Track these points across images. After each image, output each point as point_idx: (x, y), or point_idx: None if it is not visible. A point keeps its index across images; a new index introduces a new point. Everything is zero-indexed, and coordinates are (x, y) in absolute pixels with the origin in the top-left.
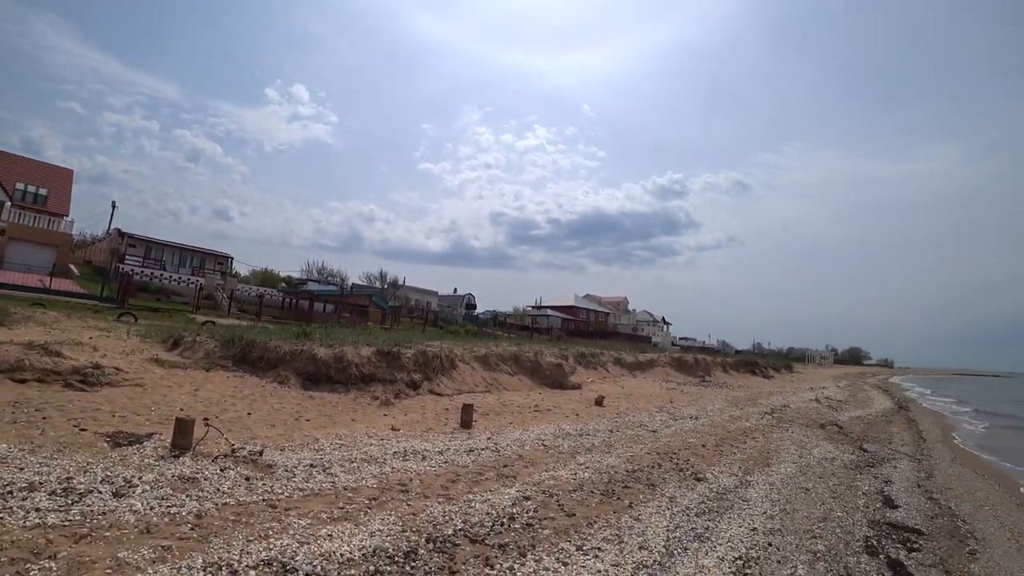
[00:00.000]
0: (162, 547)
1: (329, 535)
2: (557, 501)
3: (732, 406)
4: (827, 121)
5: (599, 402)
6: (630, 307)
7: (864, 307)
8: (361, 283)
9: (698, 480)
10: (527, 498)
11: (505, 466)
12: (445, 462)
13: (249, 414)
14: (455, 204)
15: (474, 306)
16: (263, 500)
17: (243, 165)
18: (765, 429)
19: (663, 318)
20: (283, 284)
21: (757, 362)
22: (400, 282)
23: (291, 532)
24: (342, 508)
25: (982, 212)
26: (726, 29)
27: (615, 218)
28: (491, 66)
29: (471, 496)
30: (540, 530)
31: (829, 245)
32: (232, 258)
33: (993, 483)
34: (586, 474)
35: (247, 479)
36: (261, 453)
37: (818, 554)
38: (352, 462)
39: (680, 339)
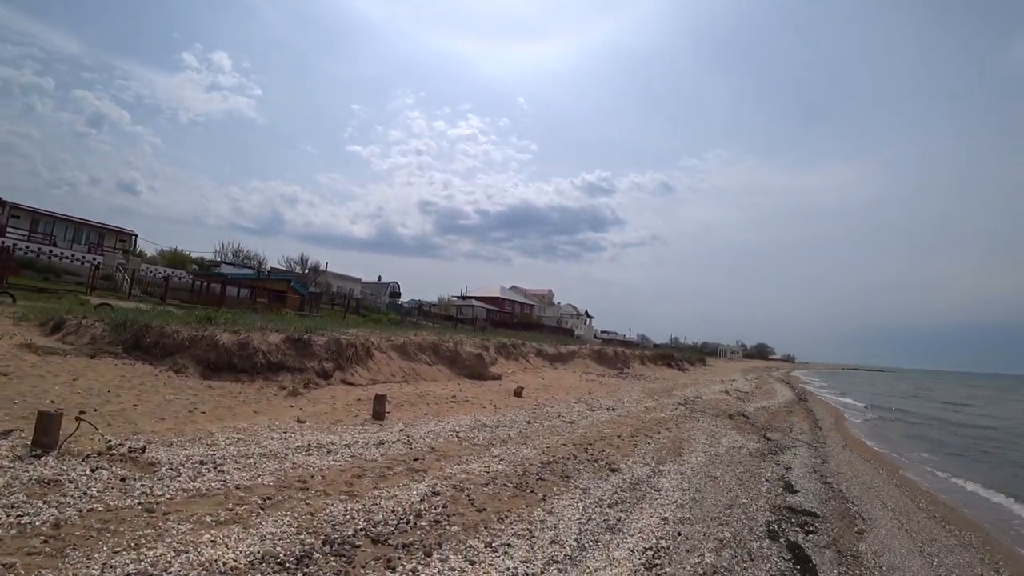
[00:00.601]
0: (2, 566)
1: (212, 541)
2: (468, 496)
3: (648, 397)
4: (745, 132)
5: (518, 393)
6: (555, 300)
7: (771, 306)
8: (280, 267)
9: (612, 471)
10: (436, 493)
11: (416, 459)
12: (352, 456)
13: (136, 406)
14: (383, 189)
15: (399, 295)
16: (139, 504)
17: (154, 135)
18: (678, 420)
19: (586, 311)
20: (194, 266)
21: (673, 355)
22: (322, 268)
23: (168, 540)
24: (231, 510)
25: (875, 223)
26: (660, 37)
27: (543, 212)
28: (428, 51)
29: (377, 492)
30: (448, 527)
31: (743, 248)
32: (136, 236)
33: (877, 467)
34: (500, 467)
35: (123, 480)
36: (143, 450)
37: (724, 541)
38: (249, 458)
39: (602, 332)
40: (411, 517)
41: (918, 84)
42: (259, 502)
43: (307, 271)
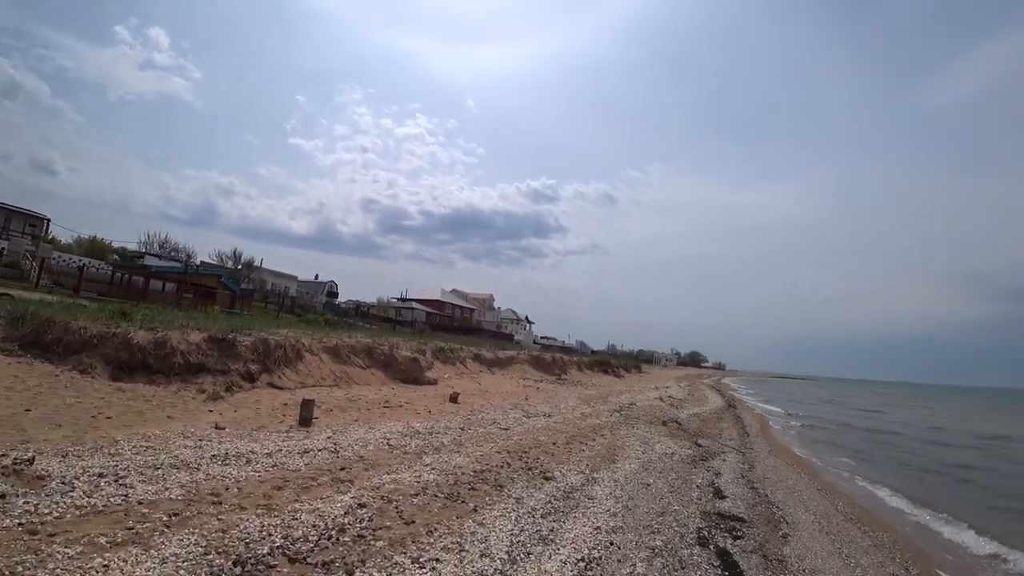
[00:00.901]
0: None
1: (105, 566)
2: (396, 507)
3: (584, 404)
4: (687, 148)
5: (454, 399)
6: (496, 304)
7: (704, 316)
8: (211, 262)
9: (546, 479)
10: (362, 505)
11: (343, 469)
12: (273, 465)
13: (28, 411)
14: (325, 185)
15: (336, 294)
16: (19, 525)
17: (77, 112)
18: (613, 426)
19: (527, 317)
20: (115, 257)
21: (610, 362)
22: (256, 264)
23: (51, 566)
24: (131, 529)
25: (801, 240)
26: (608, 50)
27: (487, 216)
28: (380, 46)
29: (298, 505)
30: (373, 542)
31: (680, 260)
32: (49, 220)
33: (799, 472)
34: (431, 476)
35: (1, 497)
36: (31, 461)
37: (656, 549)
38: (156, 469)
39: (542, 338)
40: (334, 532)
41: (841, 114)
42: (164, 519)
43: (240, 267)
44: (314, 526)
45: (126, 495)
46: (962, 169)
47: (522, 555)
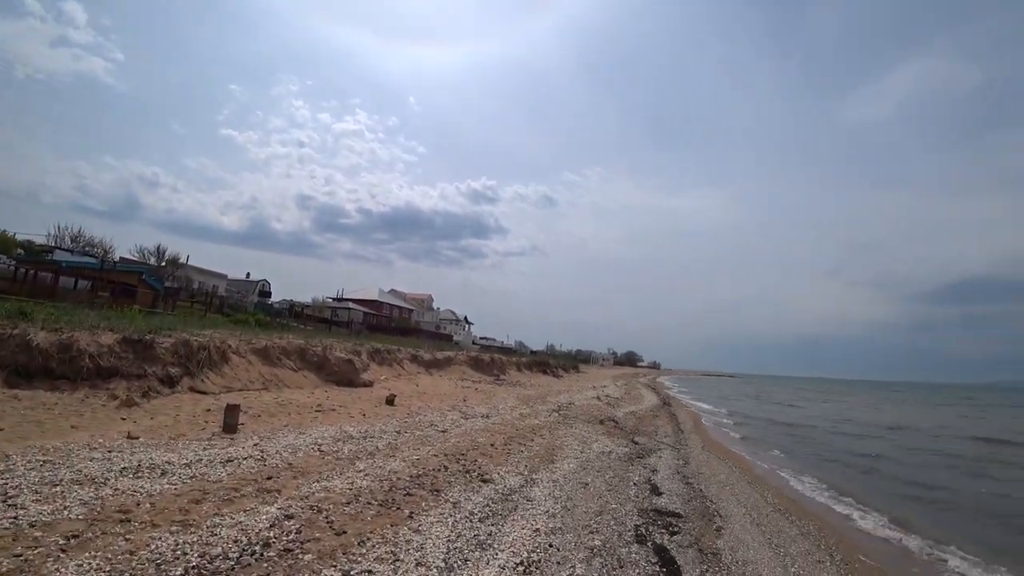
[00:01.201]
0: None
1: None
2: (327, 517)
3: (523, 404)
4: (624, 153)
5: (390, 401)
6: (434, 305)
7: (640, 316)
8: (132, 258)
9: (484, 482)
10: (290, 516)
11: (269, 478)
12: (192, 477)
13: None
14: (258, 180)
15: (269, 294)
16: None
17: None
18: (552, 426)
19: (466, 317)
20: (19, 251)
21: (548, 362)
22: (182, 261)
23: None
24: (19, 556)
25: (731, 245)
26: (551, 55)
27: (427, 216)
28: (320, 39)
29: (218, 519)
30: (301, 555)
31: (616, 262)
32: None
33: (731, 466)
34: (365, 482)
35: None
36: None
37: (595, 549)
38: (55, 486)
39: (481, 339)
40: (258, 547)
41: (769, 127)
42: (61, 542)
43: (164, 263)
44: (236, 541)
45: (15, 517)
46: (875, 181)
47: (459, 562)
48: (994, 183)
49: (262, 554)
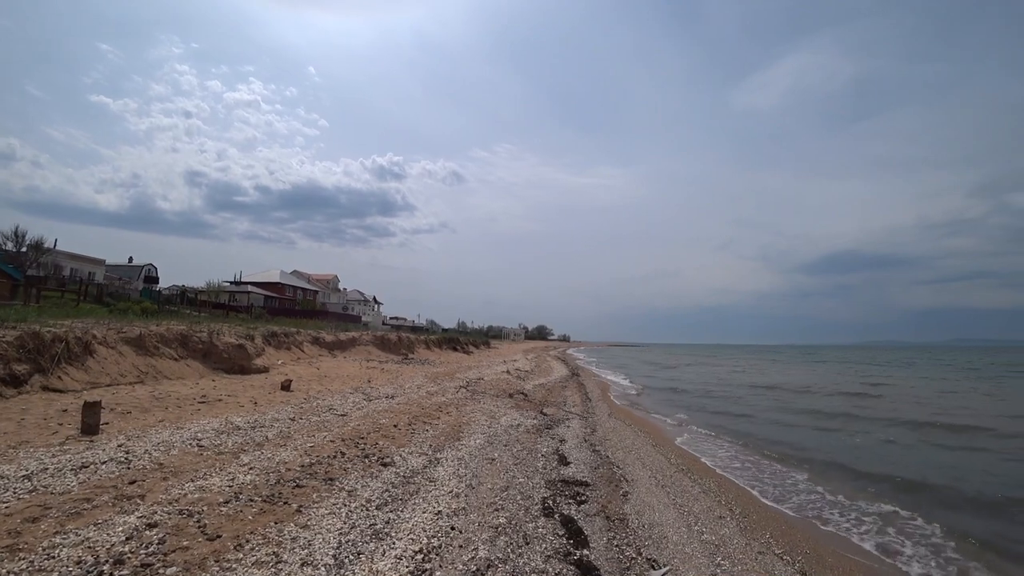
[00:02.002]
0: None
1: None
2: (199, 521)
3: (431, 382)
4: (532, 131)
5: (286, 386)
6: (341, 286)
7: (550, 290)
8: None
9: (384, 465)
10: (152, 525)
11: (133, 482)
12: (32, 491)
13: None
14: (140, 154)
15: (156, 279)
16: None
17: None
18: (459, 403)
19: (374, 298)
20: None
21: (459, 339)
22: (48, 246)
23: None
24: None
25: (635, 222)
26: (461, 31)
27: (331, 193)
28: None
29: (59, 539)
30: (163, 569)
31: (525, 237)
32: None
33: (636, 430)
34: (248, 477)
35: None
36: None
37: (500, 528)
38: None
39: (391, 319)
40: (107, 566)
41: (668, 110)
42: None
43: (24, 249)
44: (79, 563)
45: None
46: (761, 163)
47: (351, 556)
48: (863, 167)
49: (112, 573)
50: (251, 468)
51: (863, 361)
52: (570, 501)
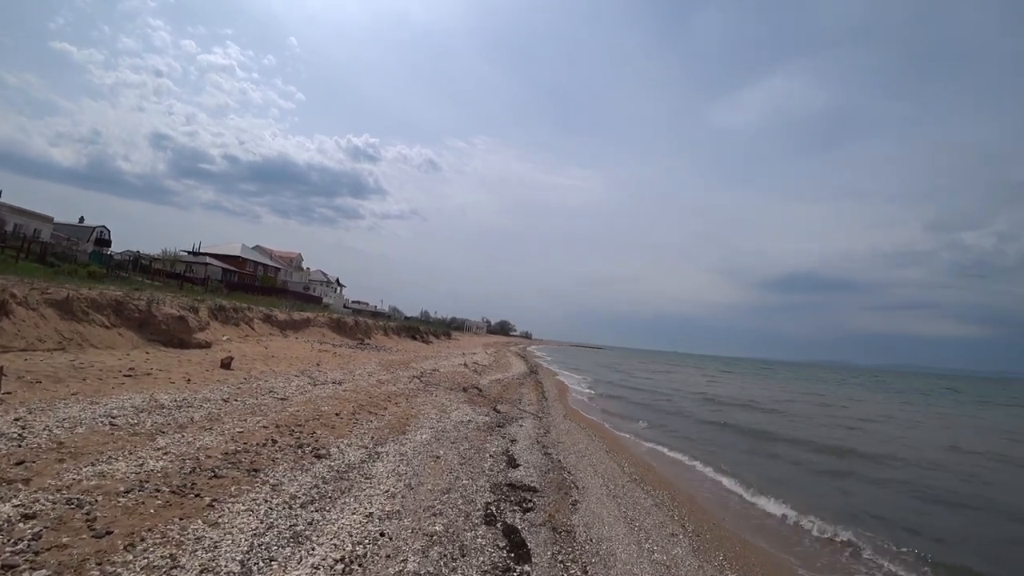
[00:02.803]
0: None
1: None
2: (88, 513)
3: (384, 370)
4: (512, 127)
5: (226, 364)
6: (304, 264)
7: (516, 286)
8: None
9: (318, 457)
10: (30, 516)
11: (21, 463)
12: None
13: None
14: (102, 109)
15: (108, 242)
16: None
17: None
18: (410, 394)
19: (338, 280)
20: None
21: (419, 328)
22: None
23: None
24: None
25: (604, 225)
26: (450, 17)
27: (302, 169)
28: None
29: None
30: (28, 572)
31: (495, 232)
32: None
33: (591, 434)
34: (160, 463)
35: None
36: None
37: (435, 537)
38: None
39: (354, 302)
40: None
41: (648, 121)
42: None
43: None
44: None
45: None
46: (731, 180)
47: (262, 563)
48: (825, 193)
49: None
50: (166, 453)
51: (814, 379)
52: (515, 508)
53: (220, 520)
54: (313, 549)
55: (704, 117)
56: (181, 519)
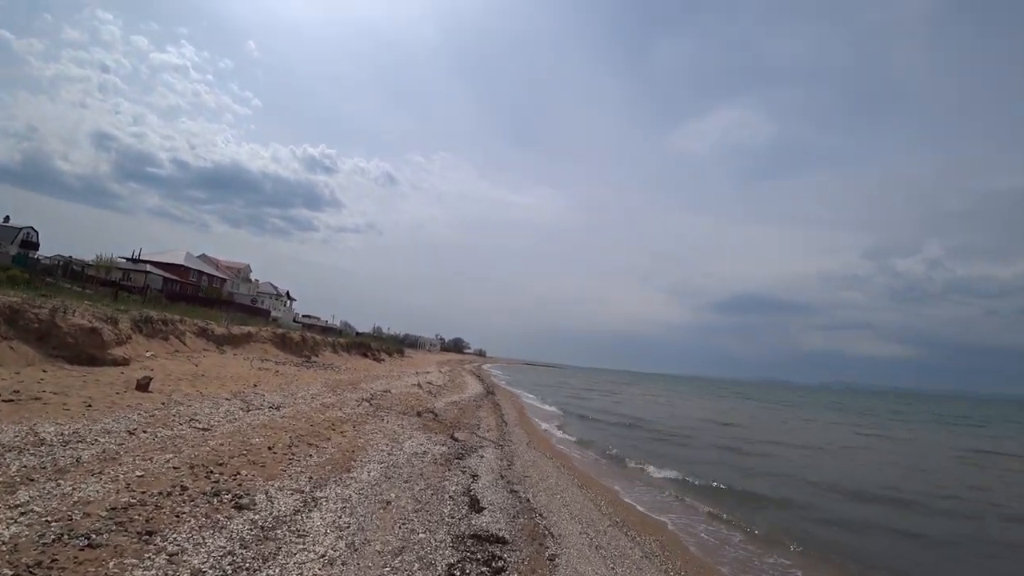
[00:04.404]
0: None
1: None
2: None
3: (330, 391)
4: (473, 144)
5: (142, 386)
6: (253, 276)
7: (470, 303)
8: None
9: (239, 508)
10: None
11: None
12: None
13: None
14: (39, 103)
15: (36, 245)
16: None
17: None
18: (358, 420)
19: (288, 293)
20: None
21: (370, 345)
22: None
23: None
24: None
25: (561, 245)
26: (413, 30)
27: (256, 178)
28: None
29: None
30: None
31: (451, 248)
32: None
33: (559, 465)
34: (11, 529)
35: None
36: None
37: None
38: None
39: (304, 316)
40: None
41: (607, 144)
42: None
43: None
44: None
45: None
46: (685, 204)
47: None
48: (774, 220)
49: None
50: (24, 512)
51: (765, 398)
52: (483, 568)
53: None
54: None
55: (662, 143)
56: None
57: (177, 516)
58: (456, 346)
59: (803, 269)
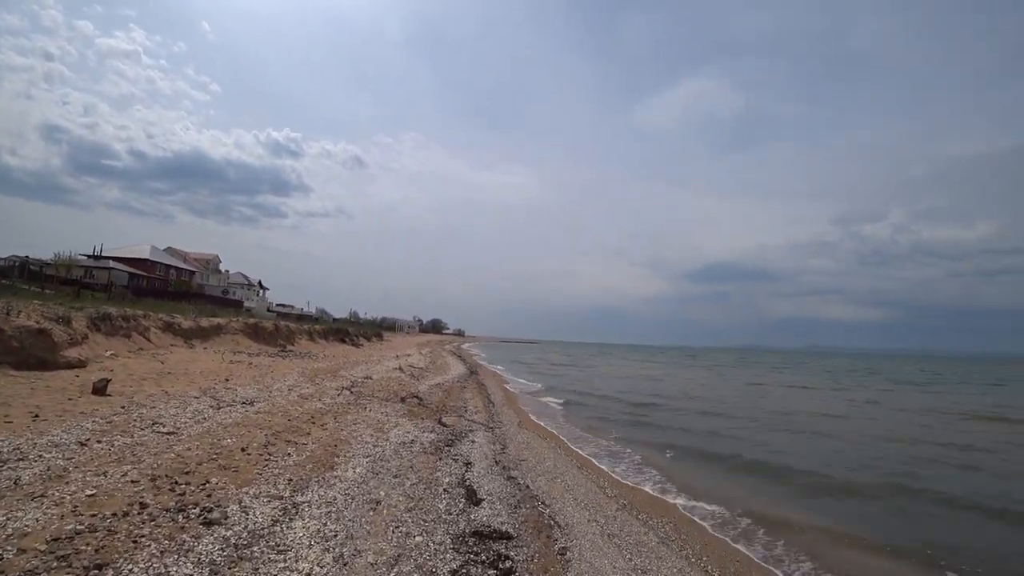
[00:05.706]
0: None
1: None
2: None
3: (308, 381)
4: (442, 124)
5: (100, 389)
6: (223, 267)
7: (447, 284)
8: None
9: (208, 524)
10: None
11: None
12: None
13: None
14: None
15: None
16: None
17: None
18: (339, 410)
19: (259, 282)
20: None
21: (348, 331)
22: None
23: None
24: None
25: (536, 222)
26: (375, 13)
27: (219, 165)
28: None
29: None
30: None
31: (424, 229)
32: None
33: (554, 446)
34: None
35: None
36: None
37: None
38: None
39: (278, 305)
40: None
41: (576, 119)
42: None
43: None
44: None
45: None
46: (655, 177)
47: None
48: (743, 190)
49: None
50: None
51: (736, 363)
52: (490, 572)
53: None
54: None
55: (630, 116)
56: None
57: (134, 542)
58: (435, 327)
59: (773, 238)
